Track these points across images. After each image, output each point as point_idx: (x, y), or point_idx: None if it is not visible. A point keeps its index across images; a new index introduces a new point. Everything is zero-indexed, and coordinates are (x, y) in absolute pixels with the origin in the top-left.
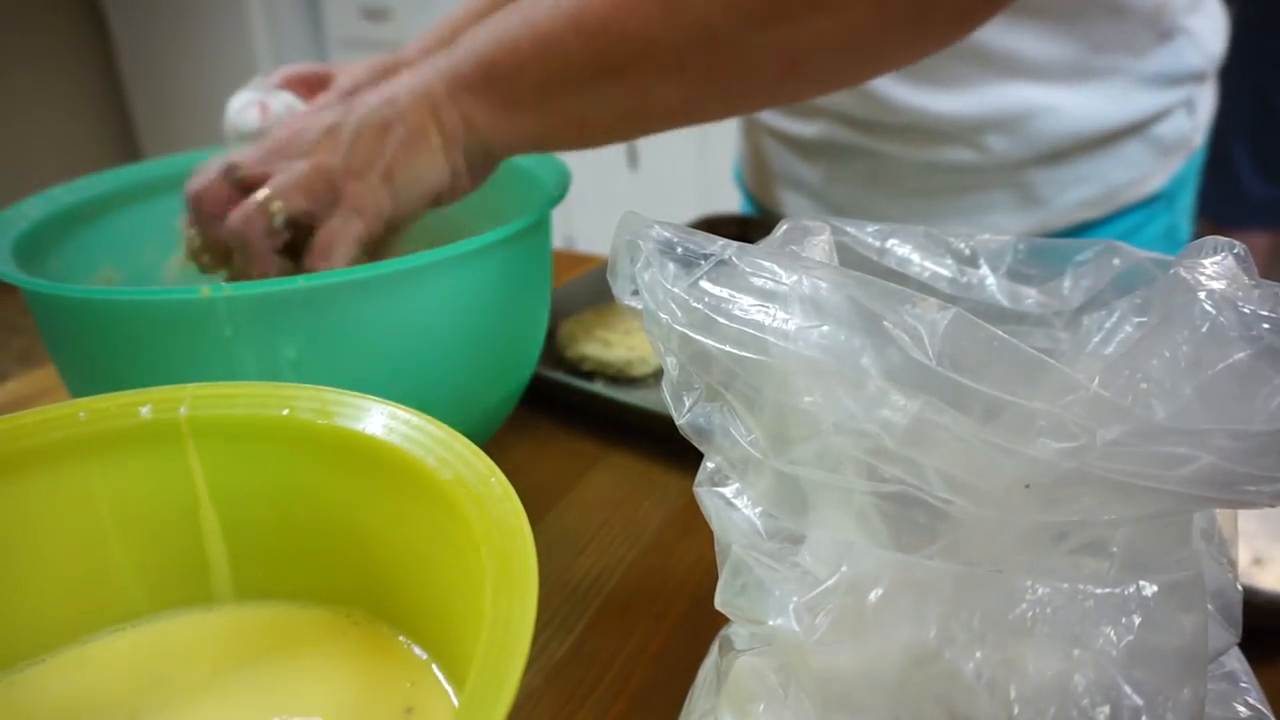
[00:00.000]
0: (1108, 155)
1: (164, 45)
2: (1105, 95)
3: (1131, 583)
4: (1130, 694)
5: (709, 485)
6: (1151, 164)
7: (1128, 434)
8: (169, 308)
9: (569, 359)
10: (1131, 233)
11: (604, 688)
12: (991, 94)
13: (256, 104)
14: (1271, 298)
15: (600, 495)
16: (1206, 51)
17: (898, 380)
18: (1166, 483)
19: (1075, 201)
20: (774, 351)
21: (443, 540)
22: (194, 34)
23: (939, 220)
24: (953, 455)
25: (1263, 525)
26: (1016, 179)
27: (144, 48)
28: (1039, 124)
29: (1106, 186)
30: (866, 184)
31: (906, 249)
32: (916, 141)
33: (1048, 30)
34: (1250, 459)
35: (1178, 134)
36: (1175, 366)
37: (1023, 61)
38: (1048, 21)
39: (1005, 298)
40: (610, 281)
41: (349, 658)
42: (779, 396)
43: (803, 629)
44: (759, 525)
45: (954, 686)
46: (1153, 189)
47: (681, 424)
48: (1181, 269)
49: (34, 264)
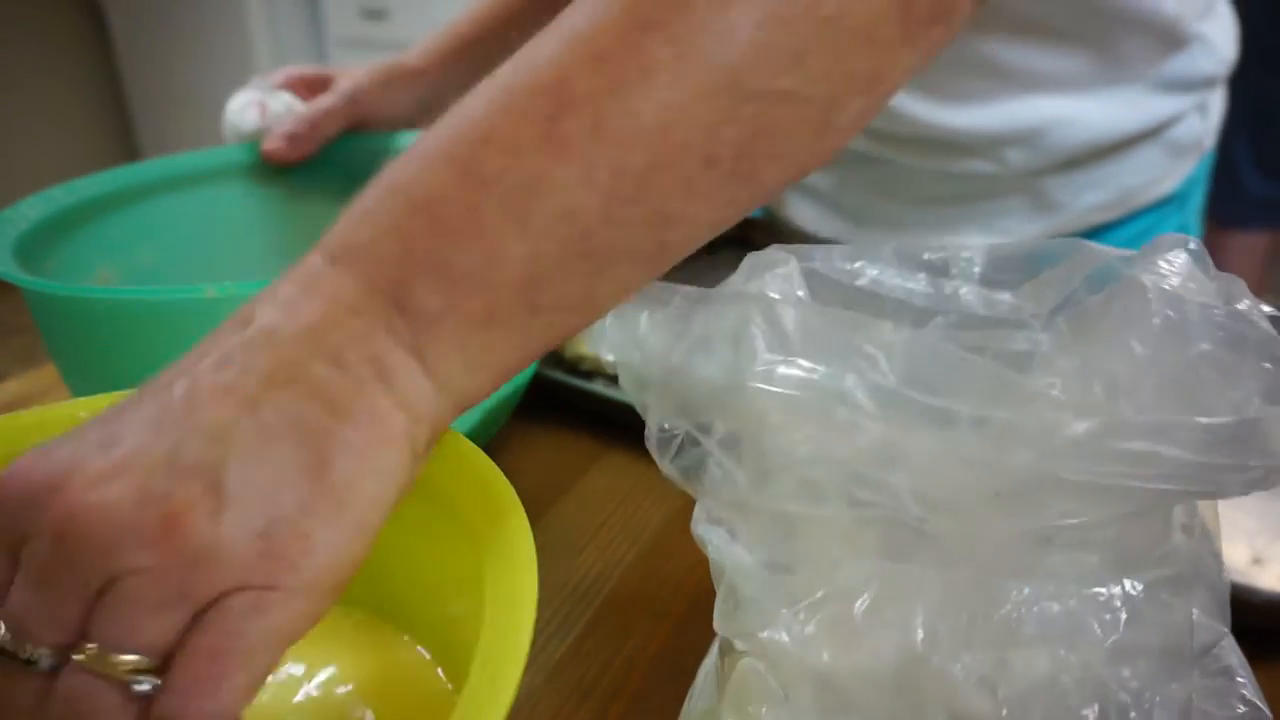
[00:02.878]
0: (1122, 160)
1: (164, 45)
2: (1121, 103)
3: (1116, 581)
4: (1117, 691)
5: (705, 522)
6: (1165, 167)
7: (1093, 434)
8: (171, 307)
9: (568, 359)
10: (1145, 234)
11: (604, 688)
12: (1009, 109)
13: (256, 104)
14: (1226, 290)
15: (600, 495)
16: (1219, 56)
17: (864, 405)
18: (1136, 479)
19: (1089, 205)
20: (748, 391)
21: (442, 539)
22: (194, 34)
23: (952, 226)
24: (922, 472)
25: (1262, 524)
26: (1032, 186)
27: (144, 48)
28: (1056, 135)
29: (1121, 190)
30: (879, 191)
31: (877, 269)
32: (933, 153)
33: (1065, 45)
34: (1217, 449)
35: (1191, 137)
36: (1137, 365)
37: (1040, 75)
38: (1066, 37)
39: (981, 305)
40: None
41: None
42: (756, 432)
43: (792, 639)
44: (751, 558)
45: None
46: (1166, 191)
47: (667, 471)
48: (1138, 268)
49: (33, 264)
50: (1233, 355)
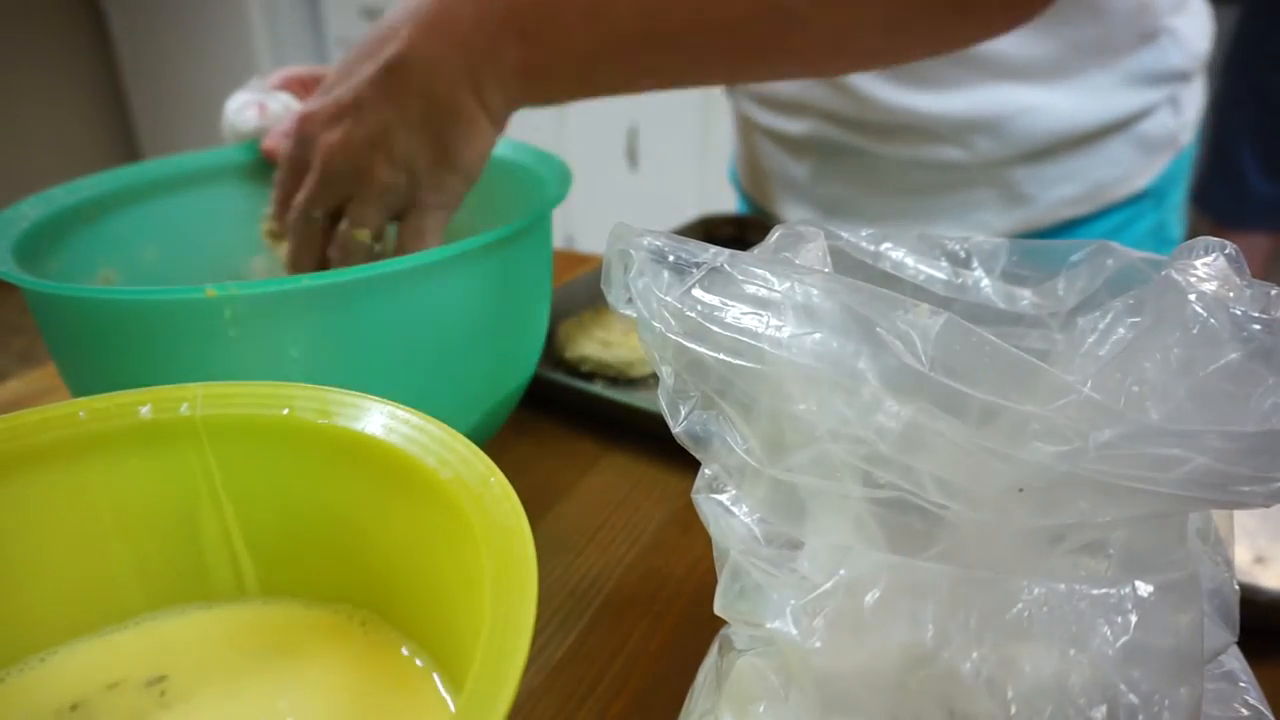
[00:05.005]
0: (1091, 153)
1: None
2: (1086, 94)
3: (1127, 583)
4: (1126, 693)
5: (707, 492)
6: (1136, 162)
7: (1121, 436)
8: (171, 307)
9: (569, 360)
10: (1119, 230)
11: (604, 687)
12: (976, 94)
13: (255, 104)
14: (1263, 298)
15: (600, 495)
16: (1190, 51)
17: (891, 386)
18: (1160, 484)
19: (1060, 199)
20: (768, 359)
21: (442, 540)
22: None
23: (926, 218)
24: (946, 460)
25: (1264, 524)
26: (1001, 177)
27: (144, 48)
28: (1021, 123)
29: (1091, 184)
30: (854, 182)
31: (901, 253)
32: (903, 140)
33: (1030, 31)
34: (1243, 459)
35: (1163, 132)
36: (1168, 368)
37: (1005, 62)
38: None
39: (1000, 299)
40: (604, 291)
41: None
42: (774, 404)
43: (800, 632)
44: (757, 532)
45: (952, 686)
46: (1139, 187)
47: (678, 432)
48: (1173, 270)
49: (33, 264)
50: (1263, 365)
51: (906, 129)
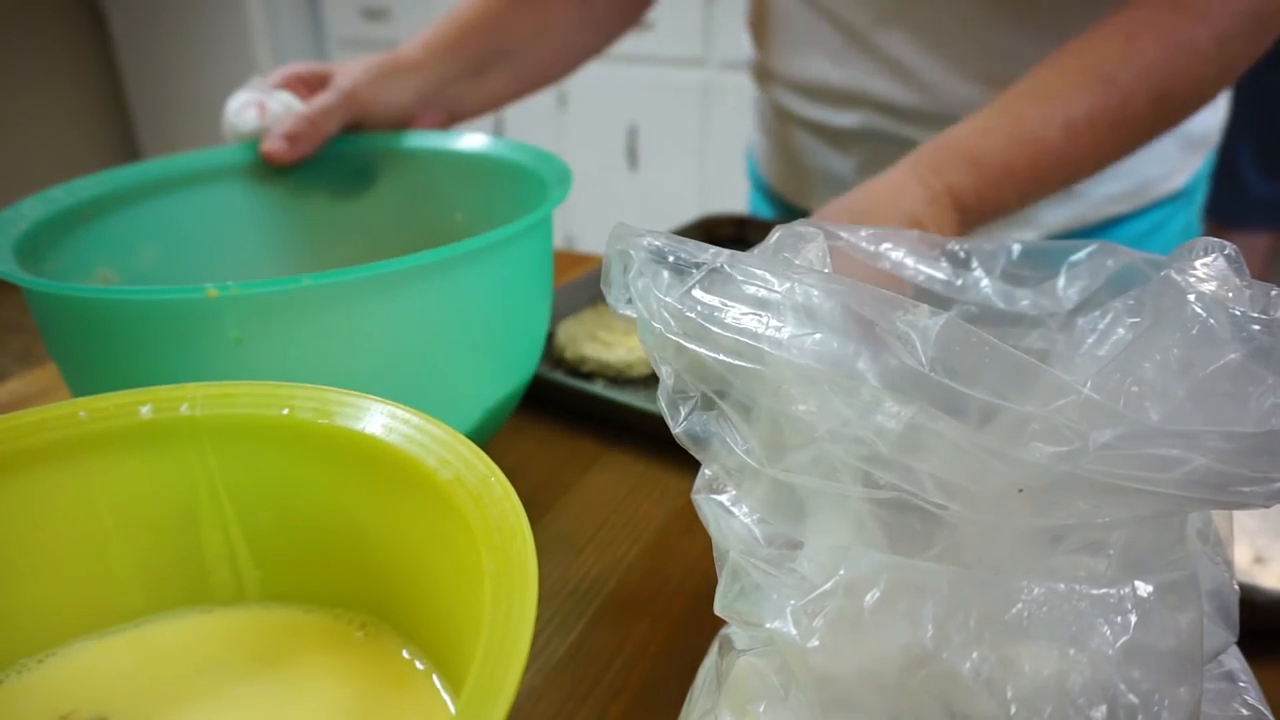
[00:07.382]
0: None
1: (164, 45)
2: None
3: (1127, 583)
4: (1126, 693)
5: (707, 492)
6: (1179, 159)
7: (1121, 437)
8: (171, 307)
9: (569, 360)
10: (1156, 228)
11: (604, 687)
12: None
13: (255, 104)
14: (1262, 298)
15: (600, 495)
16: None
17: (891, 386)
18: (1160, 485)
19: (1109, 195)
20: (768, 360)
21: (442, 540)
22: (194, 34)
23: None
24: (947, 460)
25: (1264, 523)
26: None
27: (144, 48)
28: None
29: (1139, 180)
30: None
31: (900, 253)
32: None
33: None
34: (1243, 460)
35: (1204, 129)
36: (1167, 369)
37: None
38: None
39: (1000, 300)
40: (604, 291)
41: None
42: (774, 404)
43: (800, 632)
44: (757, 532)
45: (952, 686)
46: (1178, 185)
47: (678, 433)
48: (1173, 270)
49: (33, 264)
50: (1263, 366)
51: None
